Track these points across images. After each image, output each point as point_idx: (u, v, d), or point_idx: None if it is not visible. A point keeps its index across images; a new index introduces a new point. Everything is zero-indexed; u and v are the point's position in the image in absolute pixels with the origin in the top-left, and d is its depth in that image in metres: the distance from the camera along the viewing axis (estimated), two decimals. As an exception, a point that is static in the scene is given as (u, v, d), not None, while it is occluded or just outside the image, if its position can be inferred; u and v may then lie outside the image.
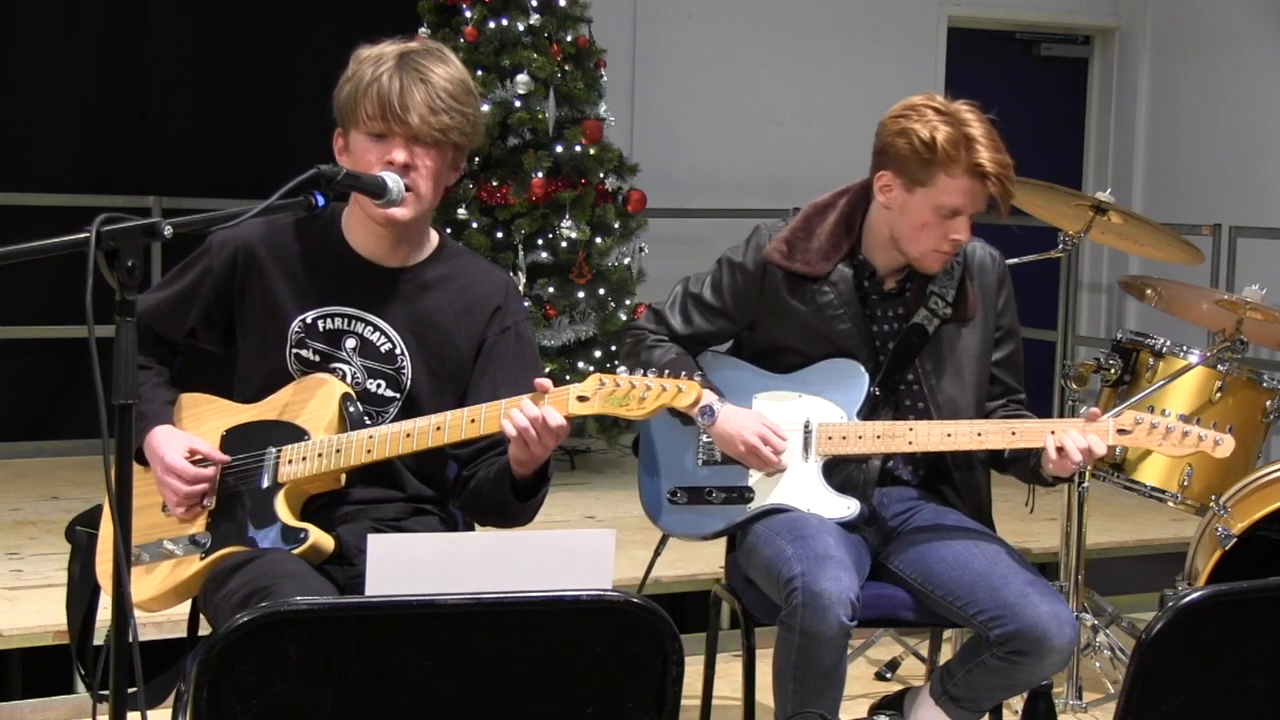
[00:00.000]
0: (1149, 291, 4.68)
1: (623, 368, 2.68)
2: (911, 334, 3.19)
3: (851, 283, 3.19)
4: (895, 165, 3.09)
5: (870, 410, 3.19)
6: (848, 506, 3.13)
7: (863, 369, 3.19)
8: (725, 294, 3.27)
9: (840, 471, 3.18)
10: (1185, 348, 4.24)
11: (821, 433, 3.16)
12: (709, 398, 3.13)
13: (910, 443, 3.10)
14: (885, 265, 3.21)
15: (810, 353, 3.22)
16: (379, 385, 2.83)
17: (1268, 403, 4.21)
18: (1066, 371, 4.35)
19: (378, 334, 2.83)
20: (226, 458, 2.79)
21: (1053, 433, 2.98)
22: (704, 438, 3.23)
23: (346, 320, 2.84)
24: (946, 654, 3.93)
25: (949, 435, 3.08)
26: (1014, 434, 3.05)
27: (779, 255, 3.20)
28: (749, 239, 3.27)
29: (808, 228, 3.22)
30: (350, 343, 2.84)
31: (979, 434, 3.07)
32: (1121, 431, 2.99)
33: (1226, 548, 3.78)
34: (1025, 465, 3.13)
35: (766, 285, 3.22)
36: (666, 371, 2.65)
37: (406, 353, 2.84)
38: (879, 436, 3.12)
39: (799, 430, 3.18)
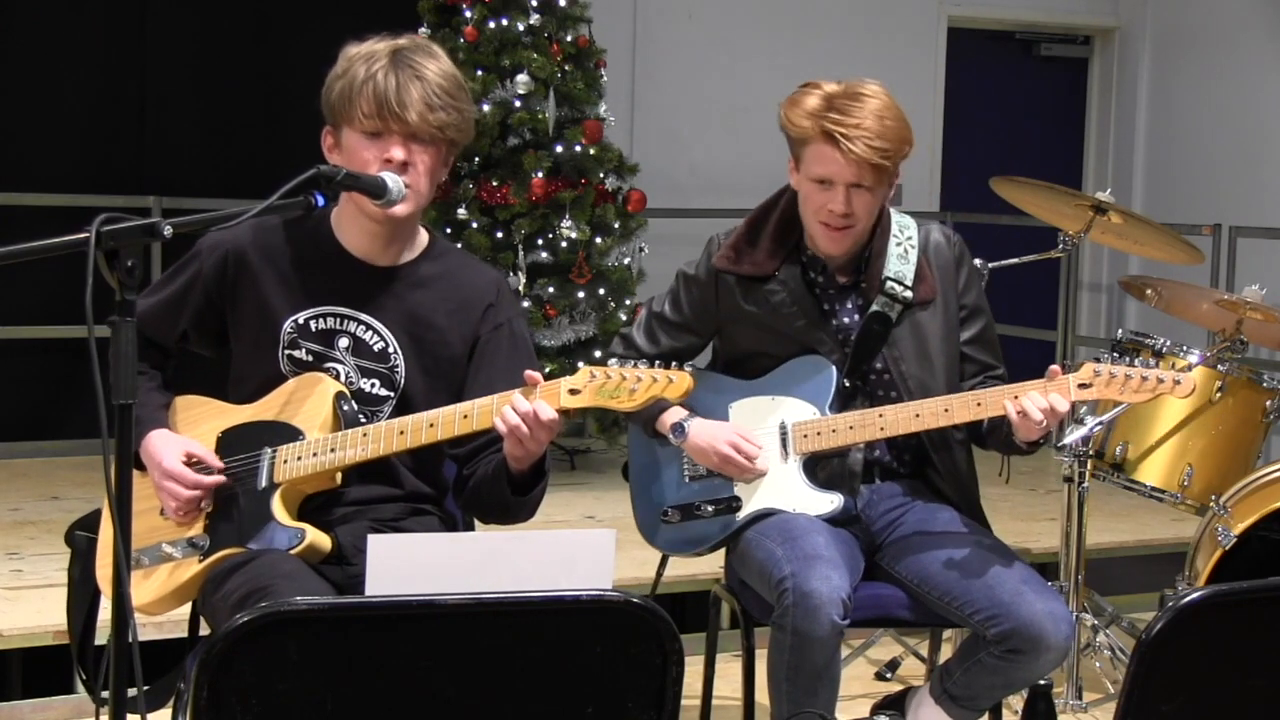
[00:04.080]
0: (1149, 291, 4.68)
1: (614, 359, 2.68)
2: (873, 322, 3.19)
3: (801, 280, 3.20)
4: (789, 148, 3.14)
5: (844, 403, 3.19)
6: (830, 501, 3.15)
7: (828, 363, 3.19)
8: (684, 308, 3.30)
9: (824, 467, 3.19)
10: (1185, 348, 4.24)
11: (797, 431, 3.17)
12: (676, 414, 3.19)
13: (882, 429, 3.10)
14: (834, 258, 3.21)
15: (777, 354, 3.24)
16: (373, 384, 2.83)
17: (1268, 403, 4.21)
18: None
19: (370, 333, 2.83)
20: (221, 465, 2.79)
21: (1015, 397, 2.98)
22: (684, 453, 3.24)
23: (339, 320, 2.84)
24: (946, 653, 3.93)
25: (918, 416, 3.08)
26: (979, 405, 3.04)
27: (726, 261, 3.23)
28: (704, 250, 3.30)
29: (753, 231, 3.25)
30: (343, 342, 2.83)
31: (946, 410, 3.07)
32: (1082, 386, 2.98)
33: (1226, 548, 3.77)
34: (1002, 436, 3.12)
35: (721, 294, 3.24)
36: (658, 363, 2.65)
37: (400, 351, 2.83)
38: (851, 427, 3.13)
39: (775, 432, 3.19)
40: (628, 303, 6.34)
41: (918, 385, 3.18)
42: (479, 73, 6.14)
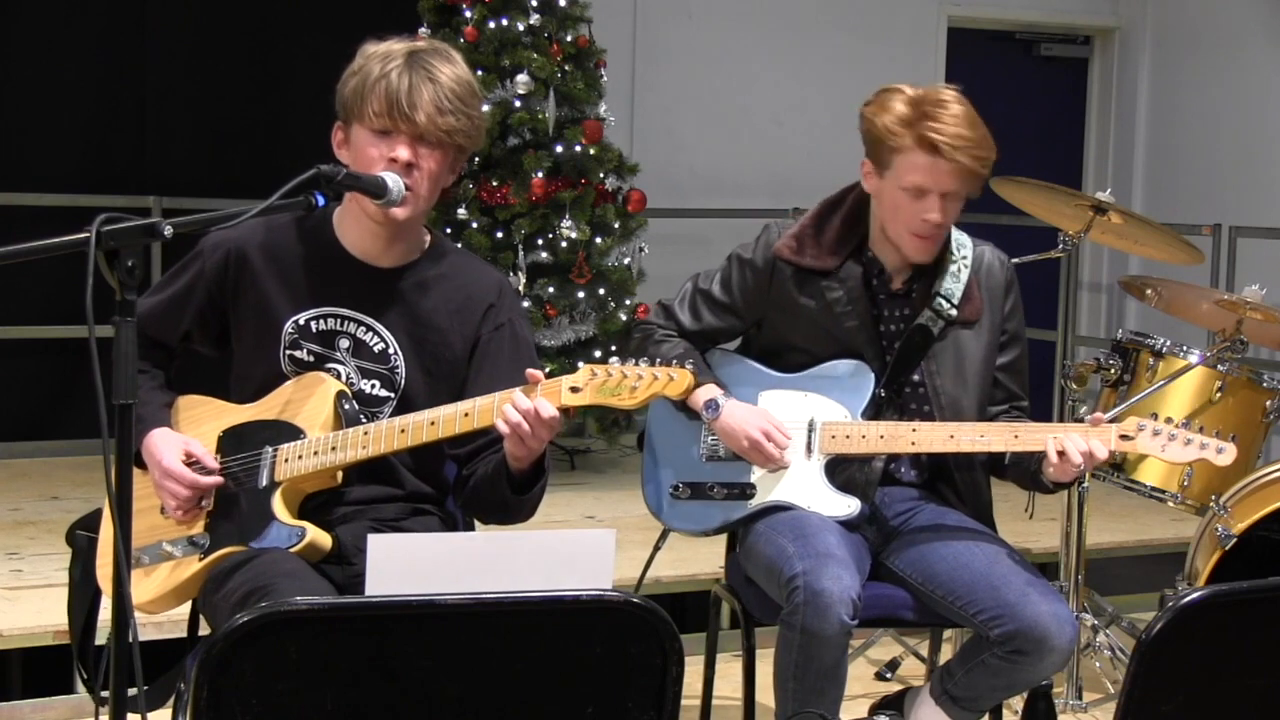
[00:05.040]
0: (1149, 291, 4.68)
1: (615, 359, 2.68)
2: (916, 334, 3.19)
3: (860, 280, 3.19)
4: (869, 151, 3.13)
5: (875, 411, 3.19)
6: (848, 505, 3.13)
7: (869, 369, 3.19)
8: (734, 290, 3.28)
9: (842, 472, 3.18)
10: (1185, 348, 4.24)
11: (825, 431, 3.16)
12: (712, 391, 3.15)
13: (913, 444, 3.10)
14: (893, 263, 3.21)
15: (817, 352, 3.23)
16: (373, 385, 2.83)
17: (1268, 403, 4.21)
18: (1066, 371, 4.34)
19: (371, 334, 2.83)
20: (217, 466, 2.79)
21: (1055, 436, 2.98)
22: (708, 432, 3.24)
23: (340, 321, 2.84)
24: (946, 654, 3.93)
25: (952, 437, 3.08)
26: (1017, 437, 3.04)
27: (789, 251, 3.21)
28: (759, 236, 3.27)
29: (818, 224, 3.24)
30: (344, 343, 2.83)
31: (981, 436, 3.06)
32: (1124, 437, 2.99)
33: (1226, 548, 3.78)
34: (1025, 471, 3.12)
35: (775, 282, 3.23)
36: (658, 360, 2.65)
37: (400, 353, 2.83)
38: (882, 437, 3.12)
39: (803, 428, 3.18)
40: (628, 303, 6.34)
41: (950, 402, 3.18)
42: (479, 73, 6.14)
